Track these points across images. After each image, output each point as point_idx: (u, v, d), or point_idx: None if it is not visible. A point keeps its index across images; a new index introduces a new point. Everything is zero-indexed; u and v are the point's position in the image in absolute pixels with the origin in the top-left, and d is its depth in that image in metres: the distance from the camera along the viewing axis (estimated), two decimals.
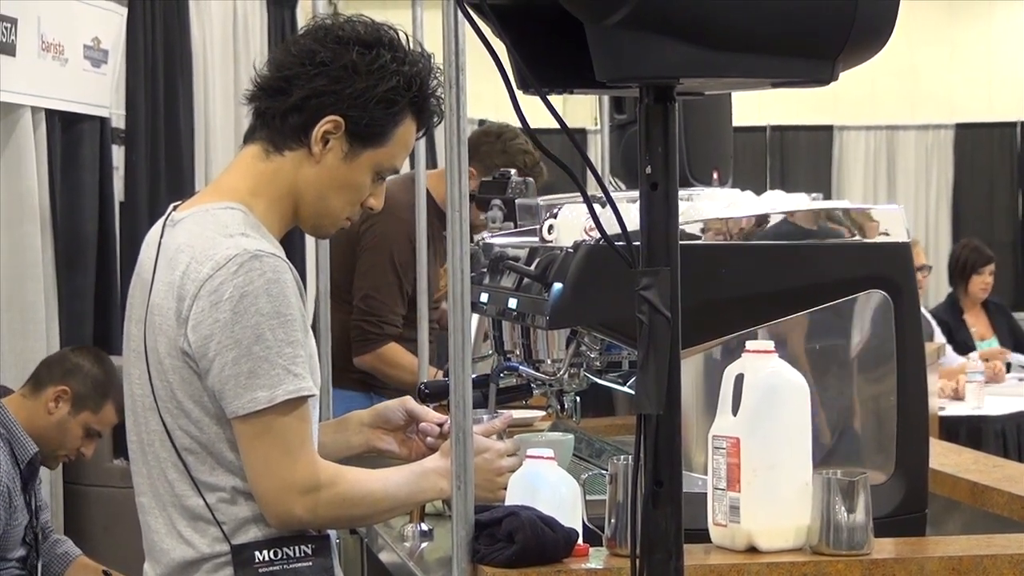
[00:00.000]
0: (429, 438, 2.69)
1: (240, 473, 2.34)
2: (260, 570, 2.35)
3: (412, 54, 2.44)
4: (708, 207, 2.78)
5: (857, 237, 2.78)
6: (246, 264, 2.28)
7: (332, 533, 2.48)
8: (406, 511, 2.75)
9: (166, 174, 6.12)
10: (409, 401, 2.72)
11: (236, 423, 2.30)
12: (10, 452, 4.03)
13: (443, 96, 2.42)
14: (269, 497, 2.32)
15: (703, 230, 2.71)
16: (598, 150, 4.95)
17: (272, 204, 2.42)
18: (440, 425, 2.68)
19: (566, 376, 2.97)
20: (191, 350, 2.30)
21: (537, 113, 1.83)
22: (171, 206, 2.48)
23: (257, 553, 2.35)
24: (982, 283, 7.82)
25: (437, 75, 2.45)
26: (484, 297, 3.07)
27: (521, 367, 3.05)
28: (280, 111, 2.41)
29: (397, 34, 2.45)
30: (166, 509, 2.39)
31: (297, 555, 2.37)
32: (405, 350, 4.50)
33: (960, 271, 7.87)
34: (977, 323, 7.79)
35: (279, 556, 2.36)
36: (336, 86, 2.38)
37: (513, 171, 4.19)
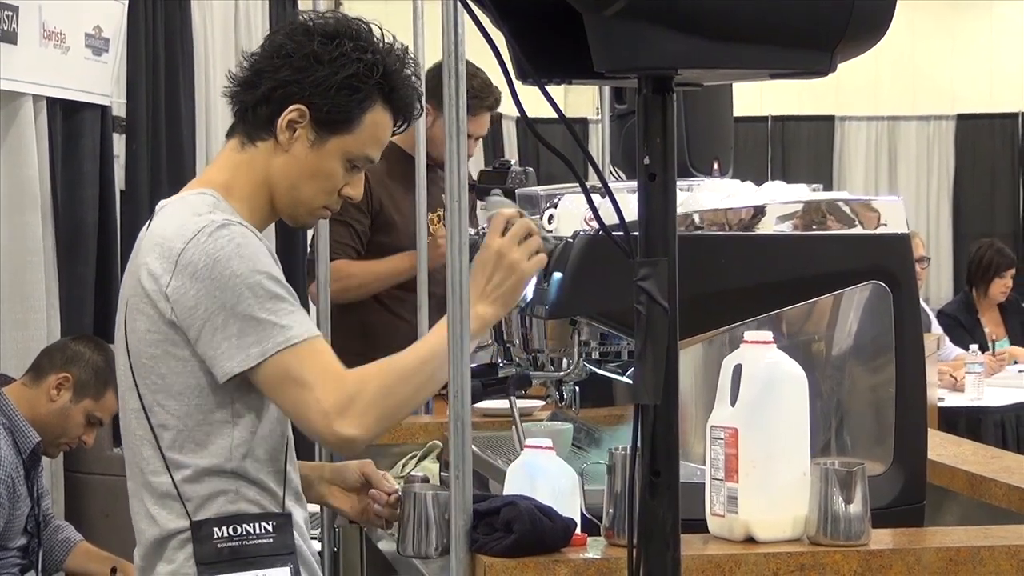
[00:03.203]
0: (377, 505, 2.69)
1: (208, 452, 2.38)
2: (218, 545, 2.39)
3: (376, 43, 2.49)
4: (707, 198, 2.78)
5: (857, 228, 2.78)
6: (214, 233, 2.36)
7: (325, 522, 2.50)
8: None
9: (167, 163, 6.12)
10: (368, 465, 2.72)
11: (254, 379, 2.34)
12: (12, 442, 4.04)
13: (418, 84, 2.50)
14: (318, 433, 2.37)
15: (701, 221, 2.71)
16: (599, 140, 4.95)
17: (247, 195, 2.50)
18: (388, 494, 2.68)
19: (565, 365, 2.97)
20: (179, 322, 2.36)
21: (539, 103, 1.83)
22: (160, 202, 2.55)
23: (216, 529, 2.39)
24: (1003, 286, 7.62)
25: (408, 63, 2.51)
26: None
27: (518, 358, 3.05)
28: (251, 103, 2.51)
29: (368, 27, 2.51)
30: (140, 490, 2.45)
31: (257, 532, 2.40)
32: (352, 261, 4.51)
33: (983, 272, 7.65)
34: (990, 323, 7.70)
35: (238, 532, 2.39)
36: (299, 75, 2.46)
37: (513, 160, 4.18)
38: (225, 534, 2.39)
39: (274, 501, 2.44)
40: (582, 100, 9.81)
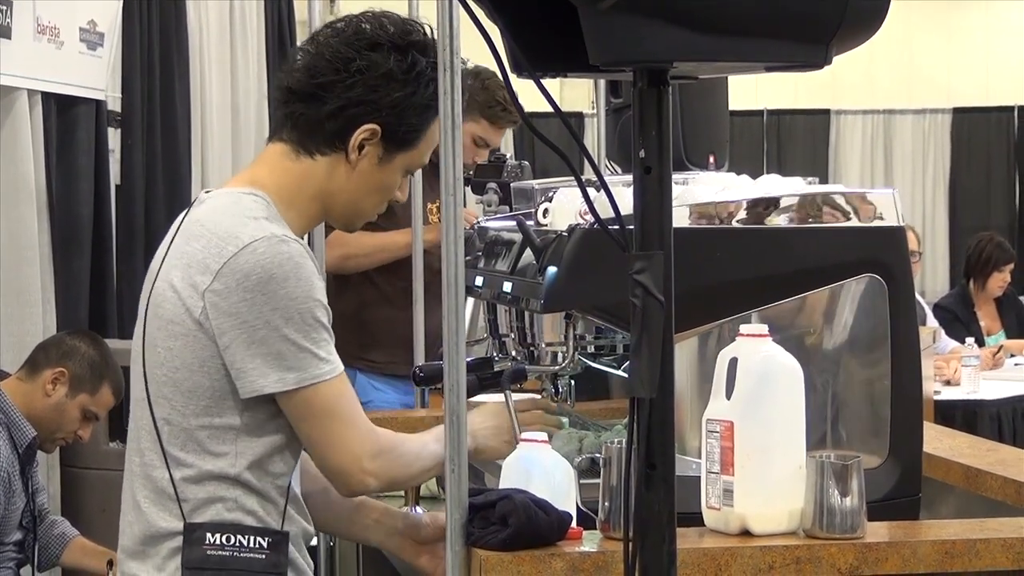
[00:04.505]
0: None
1: (210, 455, 2.33)
2: (208, 552, 2.34)
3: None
4: (702, 191, 2.78)
5: (852, 221, 2.79)
6: (274, 247, 2.30)
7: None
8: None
9: (162, 157, 6.11)
10: (439, 518, 2.52)
11: (282, 402, 2.33)
12: (8, 437, 4.04)
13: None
14: (343, 469, 2.37)
15: (696, 214, 2.71)
16: (594, 134, 4.95)
17: (300, 204, 2.42)
18: None
19: (560, 359, 2.97)
20: (210, 324, 2.30)
21: (534, 97, 1.83)
22: (203, 191, 2.51)
23: (209, 535, 2.34)
24: (1001, 280, 7.56)
25: (467, 70, 2.47)
26: (479, 281, 3.07)
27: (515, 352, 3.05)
28: (315, 118, 2.40)
29: (426, 33, 2.43)
30: (134, 479, 2.40)
31: (251, 545, 2.35)
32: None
33: (982, 265, 7.58)
34: (986, 316, 7.67)
35: (231, 542, 2.34)
36: (373, 95, 2.38)
37: (508, 154, 4.19)
38: (217, 541, 2.33)
39: (275, 515, 2.38)
40: (578, 94, 9.79)
